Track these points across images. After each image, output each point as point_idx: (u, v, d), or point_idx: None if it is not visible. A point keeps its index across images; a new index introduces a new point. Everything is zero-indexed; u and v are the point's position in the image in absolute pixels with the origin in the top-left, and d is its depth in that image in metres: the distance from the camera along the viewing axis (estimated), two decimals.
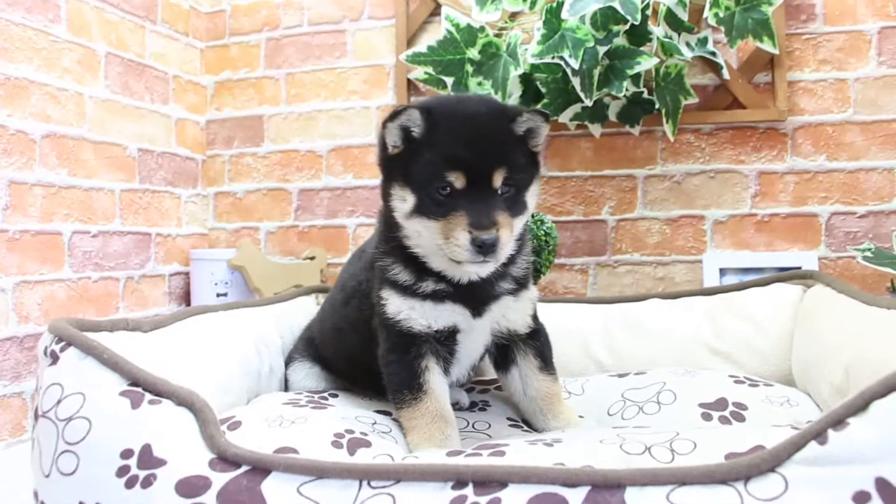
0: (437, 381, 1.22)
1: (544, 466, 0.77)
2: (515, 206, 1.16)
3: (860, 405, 0.75)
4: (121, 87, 2.32)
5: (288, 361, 1.62)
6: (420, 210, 1.14)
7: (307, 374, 1.56)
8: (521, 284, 1.30)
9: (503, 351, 1.35)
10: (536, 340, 1.35)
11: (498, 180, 1.13)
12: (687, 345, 1.72)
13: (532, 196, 1.20)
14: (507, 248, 1.14)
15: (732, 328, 1.71)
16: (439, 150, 1.13)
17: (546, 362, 1.36)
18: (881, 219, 2.15)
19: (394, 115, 1.15)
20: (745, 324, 1.71)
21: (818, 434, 0.75)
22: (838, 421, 0.75)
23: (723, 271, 2.20)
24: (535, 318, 1.36)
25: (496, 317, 1.28)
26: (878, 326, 1.26)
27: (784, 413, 1.33)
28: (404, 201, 1.16)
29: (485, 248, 1.09)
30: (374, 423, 1.22)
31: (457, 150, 1.12)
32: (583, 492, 0.75)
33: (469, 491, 0.77)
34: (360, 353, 1.36)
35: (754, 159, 2.25)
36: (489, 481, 0.77)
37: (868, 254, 1.80)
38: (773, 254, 2.21)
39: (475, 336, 1.29)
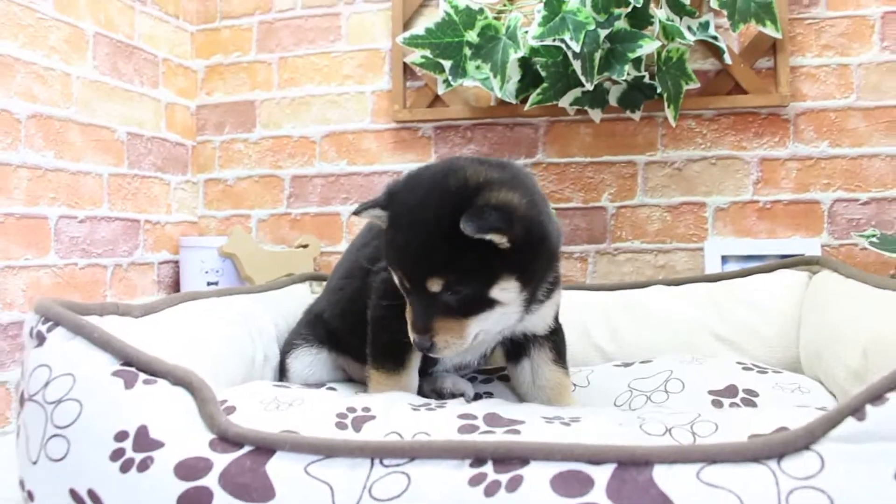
0: (417, 359, 1.27)
1: (568, 443, 0.73)
2: (469, 304, 1.08)
3: None
4: (109, 68, 2.25)
5: (288, 349, 1.50)
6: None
7: (312, 362, 1.46)
8: (542, 300, 1.23)
9: (518, 343, 1.31)
10: (554, 336, 1.31)
11: (435, 287, 1.06)
12: (690, 331, 1.69)
13: (506, 291, 1.09)
14: (454, 347, 1.09)
15: (737, 315, 1.68)
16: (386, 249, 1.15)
17: (560, 356, 1.32)
18: (884, 206, 2.12)
19: (361, 209, 1.15)
20: (749, 310, 1.68)
21: (856, 410, 0.72)
22: (877, 396, 0.72)
23: (724, 259, 2.17)
24: (556, 318, 1.31)
25: (511, 326, 1.22)
26: (892, 308, 1.24)
27: (796, 399, 1.30)
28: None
29: (423, 349, 1.11)
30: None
31: (392, 254, 1.12)
32: (609, 469, 0.71)
33: (489, 468, 0.73)
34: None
35: (756, 145, 2.22)
36: (510, 458, 0.73)
37: (874, 239, 1.77)
38: (775, 241, 2.18)
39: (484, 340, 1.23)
